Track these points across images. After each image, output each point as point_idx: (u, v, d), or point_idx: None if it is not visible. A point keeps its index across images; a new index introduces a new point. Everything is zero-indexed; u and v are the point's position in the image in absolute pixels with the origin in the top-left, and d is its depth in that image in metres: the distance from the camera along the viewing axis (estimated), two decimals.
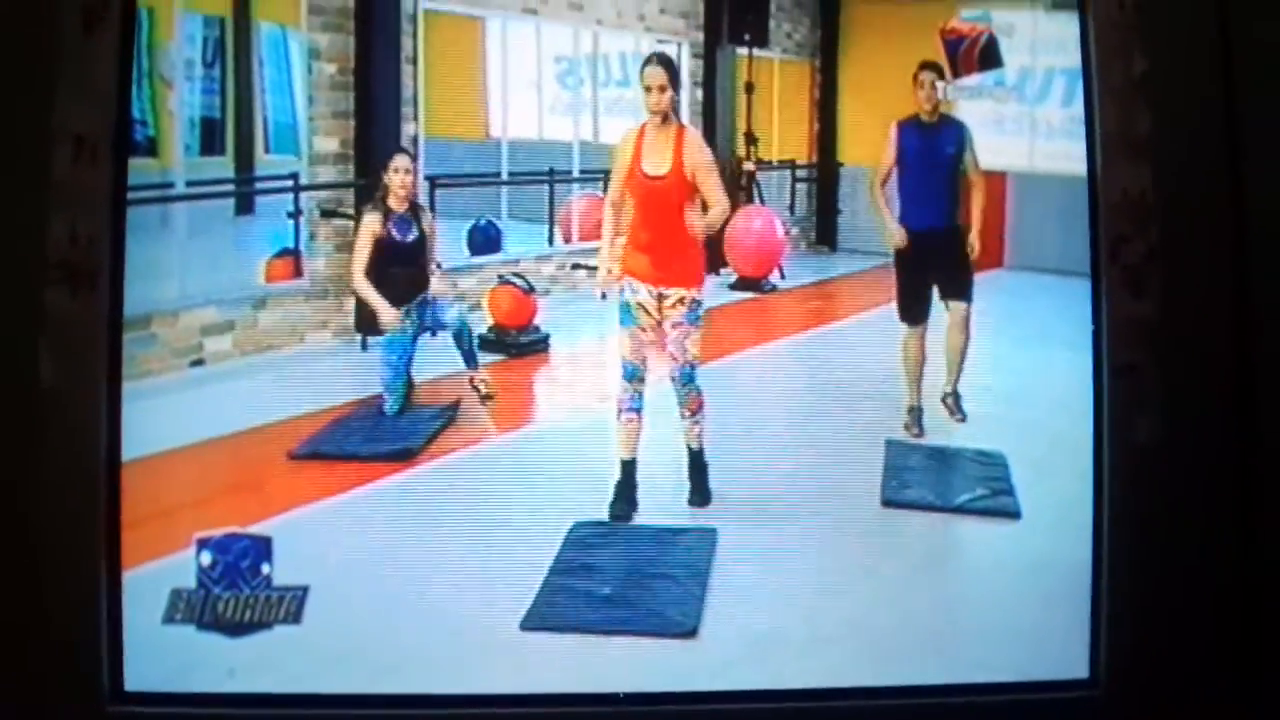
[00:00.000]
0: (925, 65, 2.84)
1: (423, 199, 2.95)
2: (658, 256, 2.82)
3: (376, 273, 2.83)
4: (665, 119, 2.78)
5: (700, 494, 2.60)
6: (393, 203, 2.84)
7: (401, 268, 2.84)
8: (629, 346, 2.80)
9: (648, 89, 2.77)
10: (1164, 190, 1.97)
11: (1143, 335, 1.98)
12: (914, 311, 2.84)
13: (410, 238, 2.85)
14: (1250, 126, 1.98)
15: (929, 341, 2.83)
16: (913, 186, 2.93)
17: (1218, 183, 1.98)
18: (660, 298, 2.83)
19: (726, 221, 2.91)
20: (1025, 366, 2.58)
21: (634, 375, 2.77)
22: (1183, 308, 1.98)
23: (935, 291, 2.88)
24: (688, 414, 2.76)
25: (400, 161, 2.88)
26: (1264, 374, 1.99)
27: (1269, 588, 1.99)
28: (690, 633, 2.16)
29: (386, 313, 2.78)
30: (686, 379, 2.79)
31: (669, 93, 2.77)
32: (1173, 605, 1.97)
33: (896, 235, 2.92)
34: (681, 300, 2.82)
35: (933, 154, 2.90)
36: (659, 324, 2.82)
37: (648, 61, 2.80)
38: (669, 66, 2.79)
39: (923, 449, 2.67)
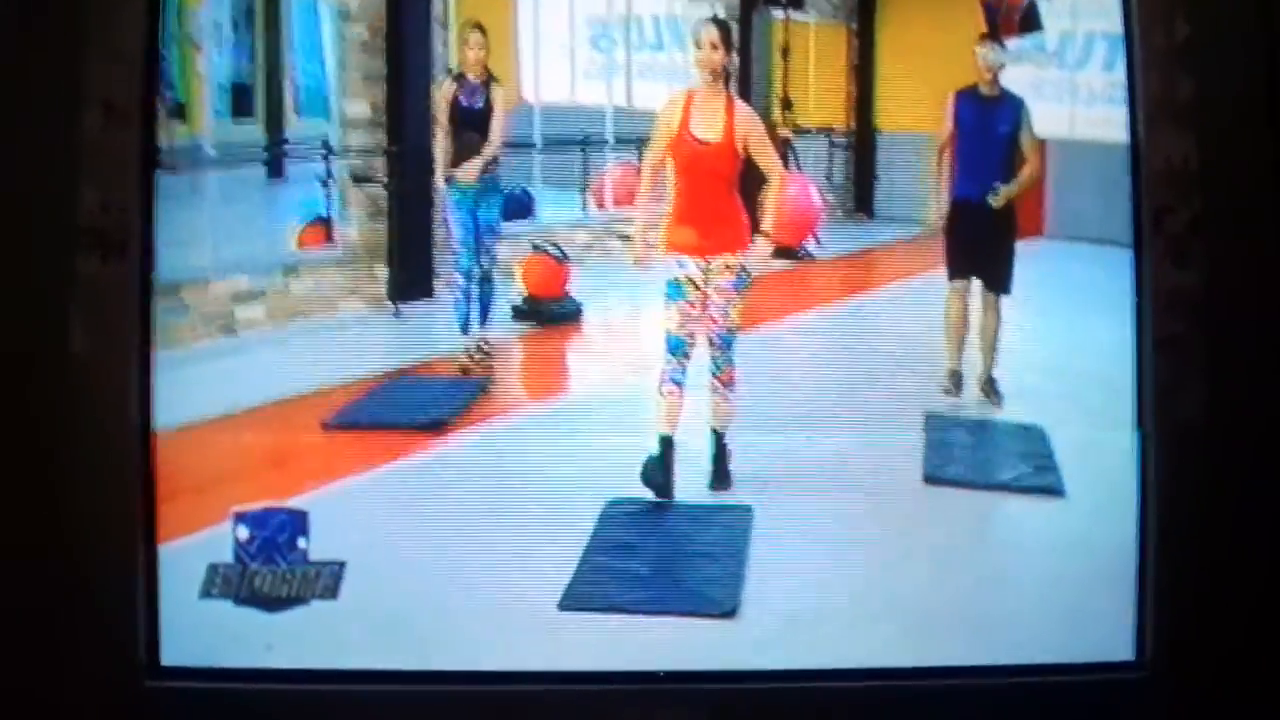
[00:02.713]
0: (985, 36, 2.79)
1: None
2: (704, 226, 2.79)
3: (451, 139, 2.96)
4: (715, 81, 2.73)
5: (722, 478, 2.58)
6: (466, 72, 2.96)
7: (468, 133, 2.94)
8: (676, 321, 2.76)
9: (699, 45, 2.72)
10: (1208, 158, 1.93)
11: (1187, 307, 1.95)
12: (961, 273, 2.79)
13: (478, 104, 2.94)
14: None
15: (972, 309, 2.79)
16: (968, 158, 2.89)
17: (1263, 150, 1.94)
18: (707, 270, 2.80)
19: (762, 188, 2.88)
20: (1066, 338, 2.55)
21: (679, 349, 2.75)
22: (1228, 278, 1.94)
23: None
24: (719, 385, 2.73)
25: (473, 37, 2.96)
26: None
27: None
28: (730, 612, 2.15)
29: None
30: (725, 344, 2.76)
31: (720, 52, 2.72)
32: (1220, 586, 1.94)
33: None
34: (728, 266, 2.79)
35: (991, 128, 2.86)
36: (706, 296, 2.79)
37: (705, 21, 2.75)
38: (724, 28, 2.74)
39: (963, 424, 2.63)
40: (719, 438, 2.65)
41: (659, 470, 2.48)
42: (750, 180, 3.32)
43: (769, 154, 2.78)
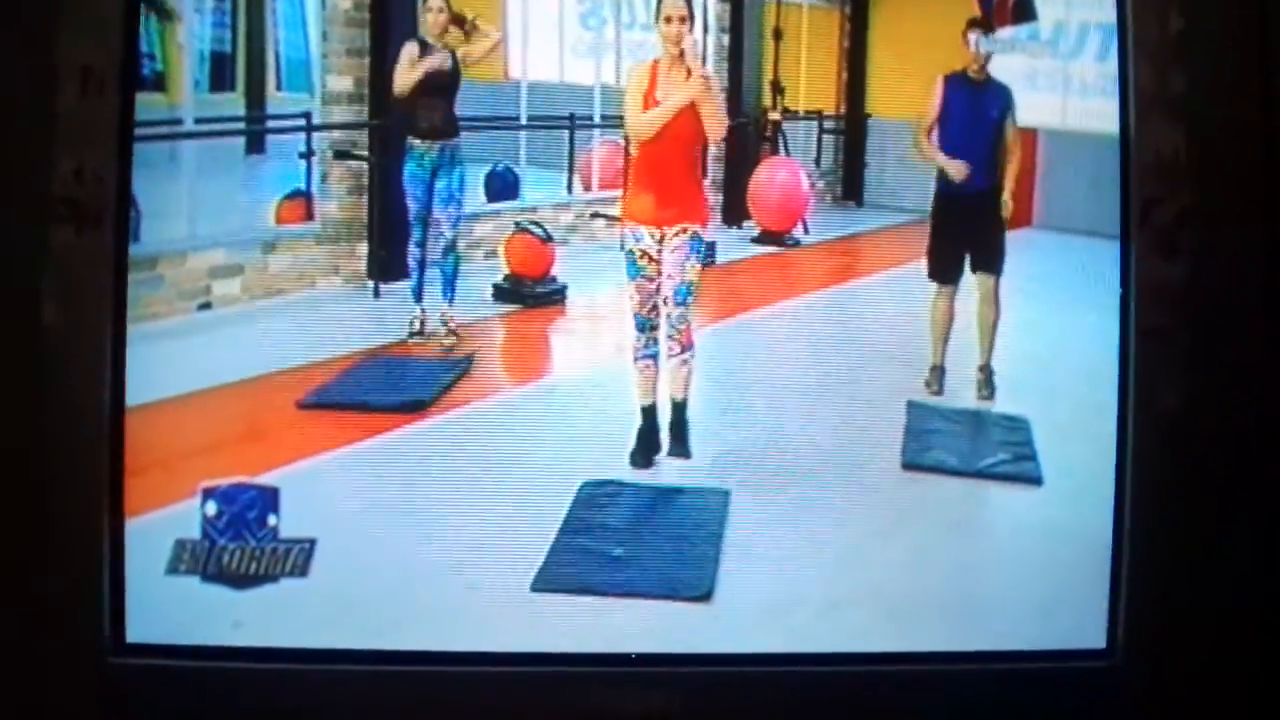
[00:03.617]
0: (974, 22, 2.78)
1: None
2: (662, 195, 2.80)
3: (412, 101, 2.92)
4: (680, 55, 2.73)
5: (682, 446, 2.58)
6: (428, 37, 2.93)
7: (430, 98, 2.92)
8: (638, 299, 2.78)
9: (667, 19, 2.71)
10: (1198, 151, 1.93)
11: (1172, 299, 1.95)
12: (945, 273, 2.80)
13: (445, 65, 2.91)
14: None
15: (960, 307, 2.79)
16: (954, 144, 2.87)
17: (1252, 145, 1.94)
18: (662, 238, 2.80)
19: (750, 172, 2.88)
20: (1051, 329, 2.55)
21: (645, 326, 2.76)
22: (1213, 272, 1.94)
23: (967, 257, 2.83)
24: (677, 348, 2.73)
25: (435, 2, 2.94)
26: None
27: None
28: (705, 596, 2.14)
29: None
30: (681, 298, 2.76)
31: (687, 25, 2.71)
32: (1193, 576, 1.95)
33: (956, 167, 2.85)
34: (684, 231, 2.80)
35: (978, 114, 2.85)
36: (661, 264, 2.79)
37: None
38: (688, 1, 2.72)
39: (945, 412, 2.64)
40: (679, 407, 2.65)
41: (643, 441, 2.51)
42: (736, 163, 3.32)
43: (715, 114, 2.76)
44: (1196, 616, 1.95)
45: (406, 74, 2.90)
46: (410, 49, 2.91)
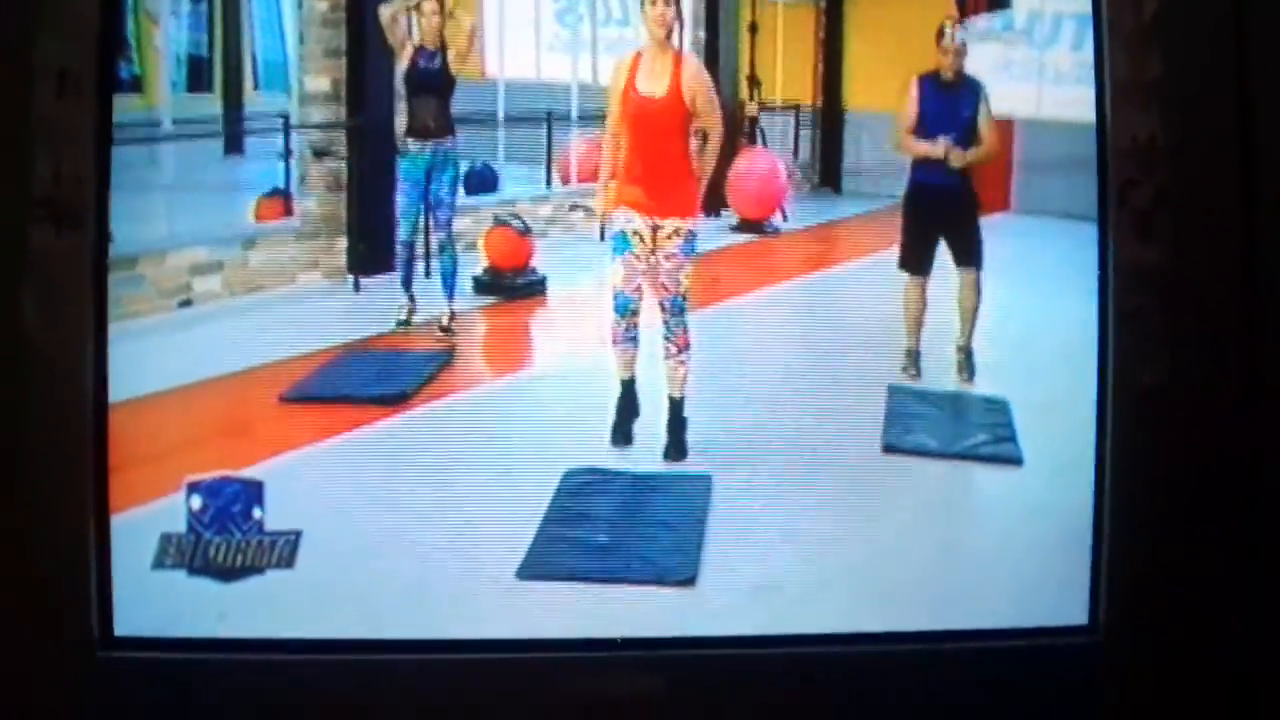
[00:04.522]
0: (950, 19, 2.80)
1: None
2: (653, 185, 2.79)
3: (406, 102, 2.97)
4: (665, 41, 2.73)
5: (678, 448, 2.59)
6: (422, 40, 2.96)
7: (424, 98, 2.95)
8: (622, 275, 2.78)
9: (652, 1, 2.71)
10: (1173, 134, 1.93)
11: (1150, 280, 1.95)
12: (916, 263, 2.82)
13: (434, 68, 2.95)
14: (1261, 70, 1.94)
15: (933, 292, 2.80)
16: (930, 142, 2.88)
17: (1227, 127, 1.94)
18: (655, 229, 2.80)
19: (729, 163, 2.88)
20: (1030, 312, 2.57)
21: (626, 308, 2.76)
22: (1191, 252, 1.95)
23: (944, 248, 2.85)
24: (674, 350, 2.74)
25: (427, 5, 2.97)
26: (1269, 320, 1.96)
27: (1270, 536, 1.97)
28: (688, 580, 2.15)
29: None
30: (678, 309, 2.77)
31: (672, 8, 2.71)
32: (1173, 553, 1.96)
33: (943, 146, 2.87)
34: (677, 231, 2.80)
35: (951, 112, 2.86)
36: (653, 252, 2.79)
37: None
38: None
39: (925, 395, 2.65)
40: (676, 406, 2.66)
41: (622, 413, 2.53)
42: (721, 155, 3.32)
43: (713, 111, 2.78)
44: (1177, 593, 1.96)
45: (402, 77, 2.94)
46: (407, 53, 2.95)
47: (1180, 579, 1.96)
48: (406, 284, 2.86)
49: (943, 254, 2.87)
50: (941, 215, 2.84)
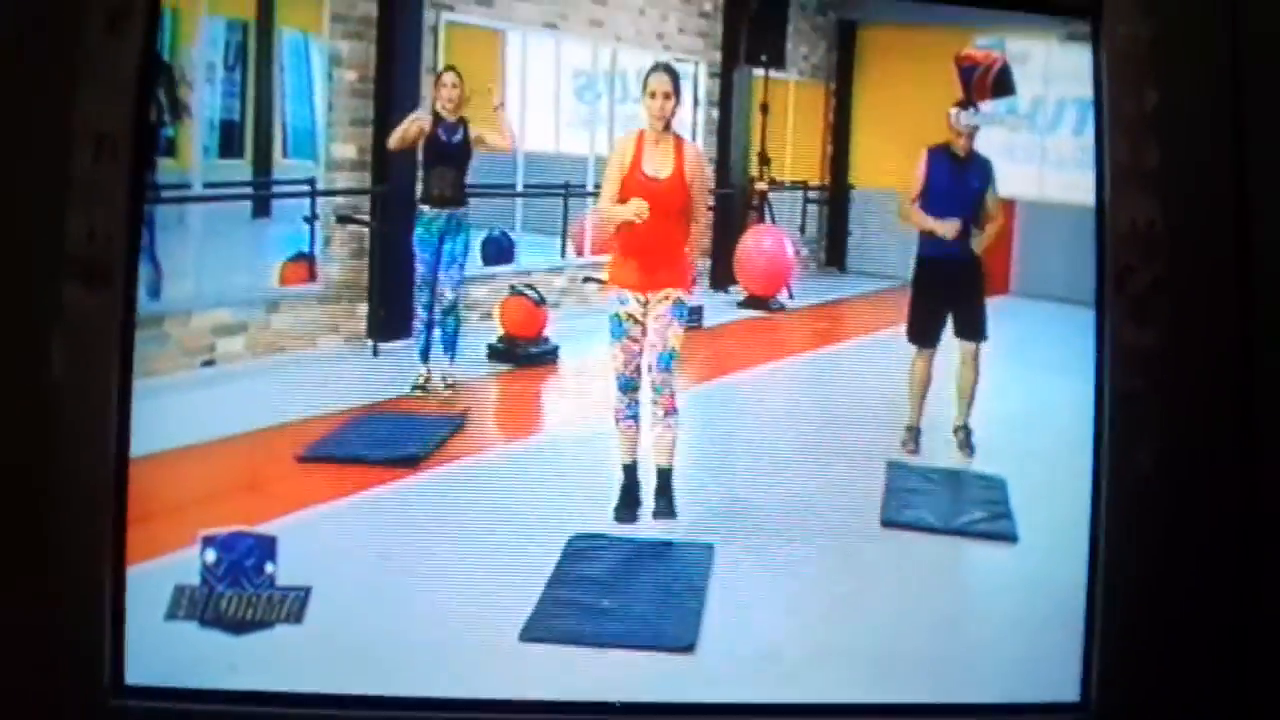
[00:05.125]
0: (959, 103, 2.85)
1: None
2: (647, 262, 2.87)
3: (424, 170, 3.04)
4: (665, 128, 2.83)
5: (666, 509, 2.62)
6: (440, 111, 3.03)
7: (442, 168, 3.02)
8: (621, 360, 2.85)
9: (652, 95, 2.82)
10: (1172, 221, 1.98)
11: (1145, 364, 1.99)
12: (924, 335, 2.86)
13: (454, 140, 3.02)
14: (1258, 161, 1.99)
15: (937, 367, 2.84)
16: (938, 214, 2.94)
17: (1225, 215, 1.99)
18: (647, 303, 2.87)
19: (736, 239, 2.93)
20: (1028, 393, 2.59)
21: (629, 386, 2.83)
22: (1186, 338, 1.98)
23: (949, 322, 2.90)
24: (661, 413, 2.78)
25: (447, 77, 3.07)
26: (1265, 405, 1.99)
27: (1264, 616, 1.99)
28: (687, 648, 2.17)
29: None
30: (665, 364, 2.82)
31: (672, 101, 2.82)
32: (1167, 632, 1.98)
33: (946, 226, 2.92)
34: (667, 297, 2.87)
35: (960, 185, 2.92)
36: (643, 322, 2.86)
37: (653, 69, 2.85)
38: (673, 75, 2.84)
39: (924, 471, 2.68)
40: (664, 475, 2.70)
41: (626, 497, 2.56)
42: (724, 230, 3.39)
43: (703, 194, 2.88)
44: (1169, 671, 1.97)
45: (422, 147, 3.02)
46: (422, 118, 3.03)
47: (1173, 658, 1.98)
48: (424, 355, 2.94)
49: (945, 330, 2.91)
50: (949, 288, 2.89)
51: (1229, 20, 2.00)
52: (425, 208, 3.03)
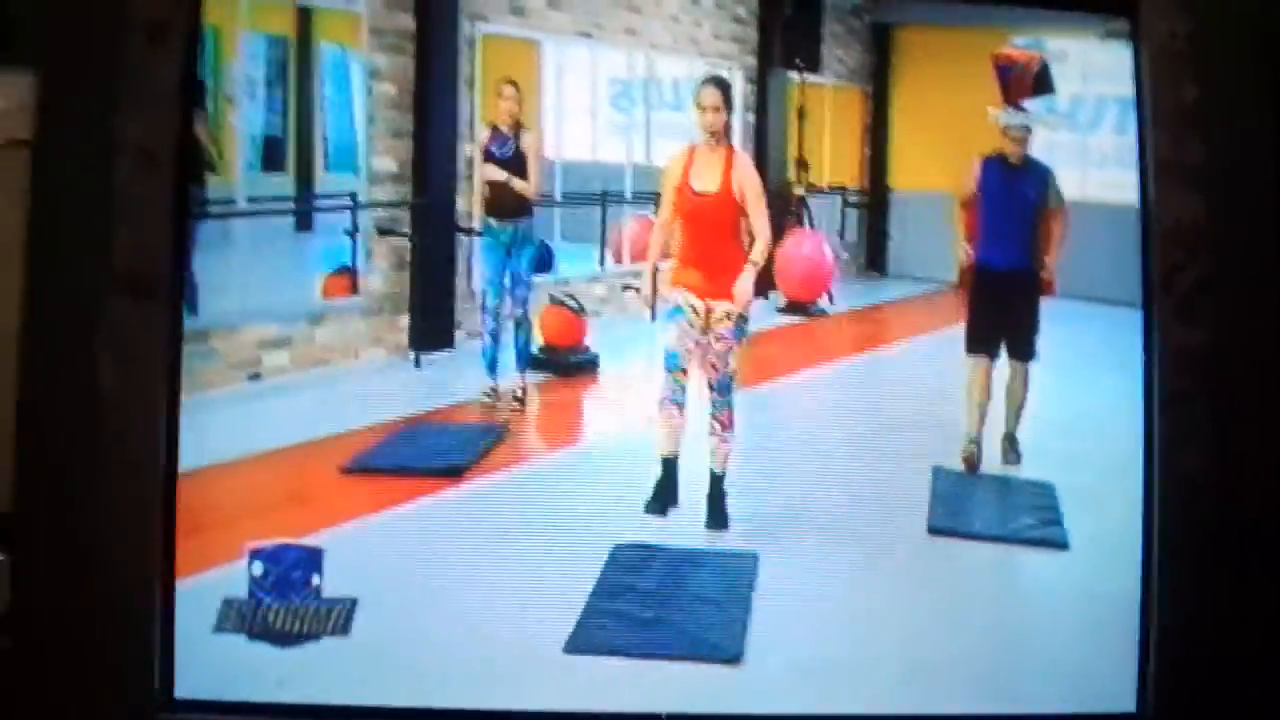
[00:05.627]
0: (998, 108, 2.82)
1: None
2: (706, 272, 2.86)
3: (483, 185, 3.08)
4: (717, 140, 2.83)
5: (718, 518, 2.61)
6: (497, 122, 3.07)
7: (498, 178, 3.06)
8: (674, 335, 2.84)
9: (702, 109, 2.82)
10: (1217, 218, 1.95)
11: (1194, 364, 1.96)
12: (983, 345, 2.82)
13: (509, 153, 3.04)
14: None
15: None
16: (993, 226, 2.90)
17: (1269, 210, 1.95)
18: (709, 310, 2.86)
19: (777, 244, 2.92)
20: (1076, 396, 2.57)
21: (676, 364, 2.81)
22: (1235, 337, 1.95)
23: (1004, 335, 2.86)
24: (718, 428, 2.78)
25: (507, 90, 3.10)
26: None
27: None
28: (734, 658, 2.16)
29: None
30: (724, 388, 2.81)
31: (723, 114, 2.82)
32: (1223, 638, 1.94)
33: (963, 251, 2.89)
34: (729, 314, 2.85)
35: (1015, 196, 2.87)
36: (705, 330, 2.84)
37: (704, 83, 2.86)
38: (724, 89, 2.85)
39: (970, 478, 2.66)
40: (717, 479, 2.69)
41: (661, 492, 2.54)
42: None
43: (759, 209, 2.84)
44: (1226, 679, 1.94)
45: (479, 158, 3.07)
46: (482, 135, 3.08)
47: (1230, 665, 1.94)
48: (492, 367, 2.96)
49: None
50: (1005, 302, 2.83)
51: (1268, 12, 1.97)
52: (491, 220, 3.05)
